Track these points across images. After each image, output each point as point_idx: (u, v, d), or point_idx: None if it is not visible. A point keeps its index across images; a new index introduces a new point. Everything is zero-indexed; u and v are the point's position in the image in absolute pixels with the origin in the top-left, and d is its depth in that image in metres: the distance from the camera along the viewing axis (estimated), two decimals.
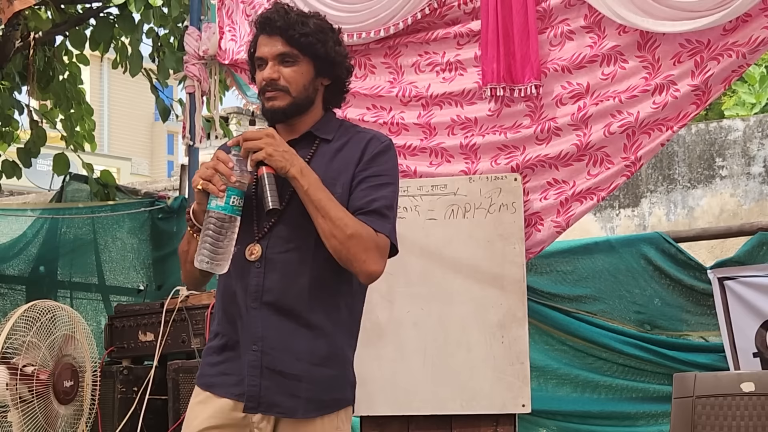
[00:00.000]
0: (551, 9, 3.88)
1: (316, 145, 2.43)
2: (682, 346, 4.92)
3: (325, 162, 2.39)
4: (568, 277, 5.05)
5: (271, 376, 2.32)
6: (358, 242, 2.28)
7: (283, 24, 2.37)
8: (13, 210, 6.88)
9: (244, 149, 2.28)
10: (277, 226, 2.36)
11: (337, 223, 2.27)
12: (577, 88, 3.83)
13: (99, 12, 6.61)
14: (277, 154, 2.26)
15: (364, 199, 2.35)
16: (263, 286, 2.33)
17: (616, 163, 3.79)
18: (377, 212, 2.35)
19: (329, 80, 2.47)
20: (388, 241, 2.36)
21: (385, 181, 2.40)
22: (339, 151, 2.43)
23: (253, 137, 2.28)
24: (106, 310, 6.30)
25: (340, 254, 2.29)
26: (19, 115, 7.13)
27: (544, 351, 5.04)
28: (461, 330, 3.85)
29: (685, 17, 3.55)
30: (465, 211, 3.90)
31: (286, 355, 2.32)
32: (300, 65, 2.39)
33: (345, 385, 2.42)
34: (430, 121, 4.08)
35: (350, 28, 4.18)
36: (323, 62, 2.42)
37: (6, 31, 6.18)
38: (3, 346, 3.85)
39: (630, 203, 6.88)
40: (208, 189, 2.26)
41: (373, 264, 2.31)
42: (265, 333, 2.32)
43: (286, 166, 2.27)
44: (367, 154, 2.41)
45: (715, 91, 3.64)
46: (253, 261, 2.35)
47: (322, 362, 2.35)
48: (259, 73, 2.42)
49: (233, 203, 2.25)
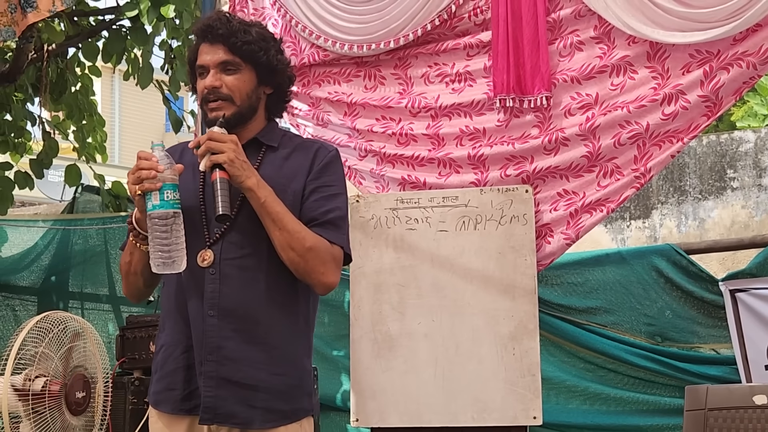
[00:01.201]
0: (561, 20, 3.89)
1: (263, 153, 2.41)
2: (694, 358, 4.90)
3: (274, 169, 2.37)
4: (579, 288, 5.05)
5: (227, 386, 2.28)
6: (315, 255, 2.28)
7: (225, 32, 2.35)
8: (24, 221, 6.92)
9: (206, 147, 2.25)
10: (229, 232, 2.32)
11: (295, 236, 2.26)
12: (586, 98, 3.82)
13: (111, 24, 6.65)
14: (238, 162, 2.25)
15: (318, 210, 2.35)
16: (220, 292, 2.30)
17: (626, 175, 3.78)
18: (332, 223, 2.35)
19: (271, 89, 2.45)
20: (342, 252, 2.36)
21: (336, 191, 2.40)
22: (286, 159, 2.41)
23: (218, 139, 2.26)
24: (117, 321, 6.32)
25: (298, 266, 2.28)
26: (32, 127, 7.17)
27: (555, 363, 5.03)
28: (472, 342, 3.84)
29: (695, 28, 3.55)
30: (476, 223, 3.90)
31: (243, 364, 2.29)
32: (242, 73, 2.37)
33: (302, 394, 2.37)
34: (438, 131, 4.09)
35: (360, 40, 4.20)
36: (265, 70, 2.41)
37: (20, 43, 6.22)
38: (15, 357, 3.86)
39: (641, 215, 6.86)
40: (145, 189, 2.21)
41: (330, 275, 2.32)
42: (222, 342, 2.29)
43: (242, 176, 2.25)
44: (316, 164, 2.40)
45: (727, 103, 3.63)
46: (206, 267, 2.31)
47: (280, 371, 2.32)
48: (200, 81, 2.39)
49: (169, 198, 2.22)
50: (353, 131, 4.27)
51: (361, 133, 4.25)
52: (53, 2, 4.58)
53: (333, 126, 4.32)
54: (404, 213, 3.98)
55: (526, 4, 3.87)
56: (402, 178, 4.13)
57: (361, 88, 4.29)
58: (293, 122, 4.46)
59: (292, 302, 2.36)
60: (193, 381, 2.32)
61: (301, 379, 2.37)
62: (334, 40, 4.25)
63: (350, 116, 4.28)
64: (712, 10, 3.50)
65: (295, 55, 4.38)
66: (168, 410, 2.36)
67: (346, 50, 4.24)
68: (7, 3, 4.45)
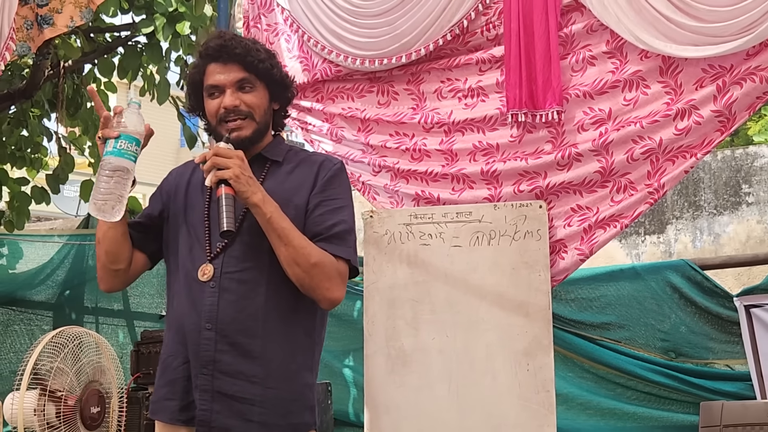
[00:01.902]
0: (573, 35, 3.89)
1: (267, 168, 2.43)
2: (708, 374, 4.89)
3: (278, 184, 2.38)
4: (593, 304, 5.04)
5: (222, 400, 2.29)
6: (321, 270, 2.29)
7: (241, 51, 2.38)
8: (40, 236, 6.97)
9: (212, 163, 2.26)
10: (231, 246, 2.33)
11: (300, 252, 2.27)
12: (599, 113, 3.81)
13: (127, 41, 6.69)
14: (243, 178, 2.26)
15: (323, 224, 2.35)
16: (218, 306, 2.30)
17: (639, 190, 3.76)
18: (337, 237, 2.35)
19: (278, 104, 2.49)
20: (347, 266, 2.36)
21: (341, 203, 2.41)
22: (290, 173, 2.43)
23: (224, 155, 2.27)
24: (131, 336, 6.34)
25: (303, 282, 2.29)
26: (48, 142, 7.22)
27: (569, 378, 5.02)
28: (486, 357, 3.83)
29: (708, 42, 3.54)
30: (490, 238, 3.90)
31: (239, 378, 2.29)
32: (258, 90, 2.41)
33: (302, 408, 2.36)
34: (452, 147, 4.09)
35: (372, 55, 4.21)
36: (277, 87, 2.45)
37: (37, 60, 6.27)
38: (31, 372, 3.88)
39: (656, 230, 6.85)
40: (104, 134, 2.26)
41: (336, 291, 2.32)
42: (218, 356, 2.29)
43: (248, 192, 2.26)
44: (320, 177, 2.41)
45: (740, 118, 3.60)
46: (206, 281, 2.32)
47: (276, 385, 2.31)
48: (211, 101, 2.40)
49: (122, 147, 2.24)
50: (367, 147, 4.28)
51: (374, 149, 4.26)
52: (71, 17, 4.62)
53: (347, 141, 4.34)
54: (418, 228, 3.98)
55: (538, 19, 3.88)
56: (416, 193, 4.14)
57: (374, 103, 4.30)
58: (308, 138, 4.48)
59: (292, 316, 2.36)
60: (191, 393, 2.33)
61: (301, 393, 2.37)
62: (346, 55, 4.27)
63: (364, 132, 4.30)
64: (725, 24, 3.49)
65: (307, 71, 4.40)
66: (165, 420, 2.37)
67: (358, 65, 4.25)
68: (23, 20, 4.50)
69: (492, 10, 4.00)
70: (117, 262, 2.40)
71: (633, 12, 3.68)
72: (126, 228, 2.39)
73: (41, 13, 4.58)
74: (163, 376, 2.40)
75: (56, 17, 4.61)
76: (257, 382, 2.30)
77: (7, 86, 6.69)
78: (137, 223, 2.47)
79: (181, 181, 2.50)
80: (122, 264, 2.40)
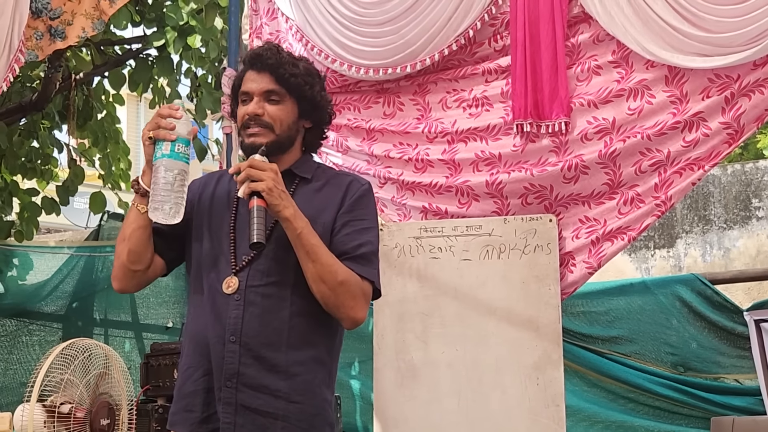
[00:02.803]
0: (579, 44, 3.88)
1: (295, 185, 2.43)
2: (718, 388, 4.87)
3: (306, 201, 2.38)
4: (603, 318, 5.04)
5: (246, 414, 2.28)
6: (346, 289, 2.28)
7: (274, 62, 2.40)
8: (50, 247, 6.98)
9: (246, 174, 2.27)
10: (257, 260, 2.33)
11: (327, 269, 2.27)
12: (602, 123, 3.79)
13: (138, 53, 6.72)
14: (276, 191, 2.26)
15: (350, 244, 2.35)
16: (243, 319, 2.30)
17: (647, 203, 3.75)
18: (363, 257, 2.35)
19: (311, 123, 2.48)
20: (372, 287, 2.36)
21: (368, 225, 2.41)
22: (319, 191, 2.43)
23: (258, 167, 2.27)
24: (140, 348, 6.35)
25: (328, 300, 2.29)
26: (58, 154, 7.25)
27: (579, 392, 5.01)
28: (496, 371, 3.83)
29: (715, 53, 3.54)
30: (500, 252, 3.89)
31: (262, 392, 2.28)
32: (285, 104, 2.41)
33: (323, 424, 2.36)
34: (454, 157, 4.07)
35: (377, 64, 4.20)
36: (308, 105, 2.44)
37: (48, 72, 6.31)
38: (41, 384, 3.88)
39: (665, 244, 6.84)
40: (159, 136, 2.26)
41: (359, 310, 2.32)
42: (242, 369, 2.28)
43: (280, 205, 2.26)
44: (348, 197, 2.41)
45: (748, 130, 3.60)
46: (231, 294, 2.31)
47: (299, 400, 2.30)
48: (242, 107, 2.42)
49: (179, 150, 2.24)
50: (371, 157, 4.27)
51: (378, 159, 4.25)
52: (83, 28, 4.64)
53: (352, 153, 4.33)
54: (428, 242, 3.99)
55: (544, 29, 3.88)
56: (423, 206, 4.13)
57: (380, 114, 4.30)
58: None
59: (315, 332, 2.36)
60: (212, 405, 2.32)
61: (322, 409, 2.36)
62: (350, 64, 4.24)
63: (368, 141, 4.29)
64: (733, 35, 3.49)
65: None
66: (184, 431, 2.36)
67: (362, 74, 4.23)
68: (32, 31, 4.52)
69: (499, 20, 4.00)
70: (138, 262, 2.39)
71: (640, 22, 3.68)
72: (151, 231, 2.38)
73: (53, 25, 4.60)
74: (183, 388, 2.39)
75: (68, 29, 4.64)
76: (281, 397, 2.29)
77: (18, 98, 6.72)
78: (159, 228, 2.46)
79: (206, 192, 2.49)
80: (142, 266, 2.39)
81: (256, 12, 4.65)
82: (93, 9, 4.63)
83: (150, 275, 2.45)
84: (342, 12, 4.27)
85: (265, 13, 4.62)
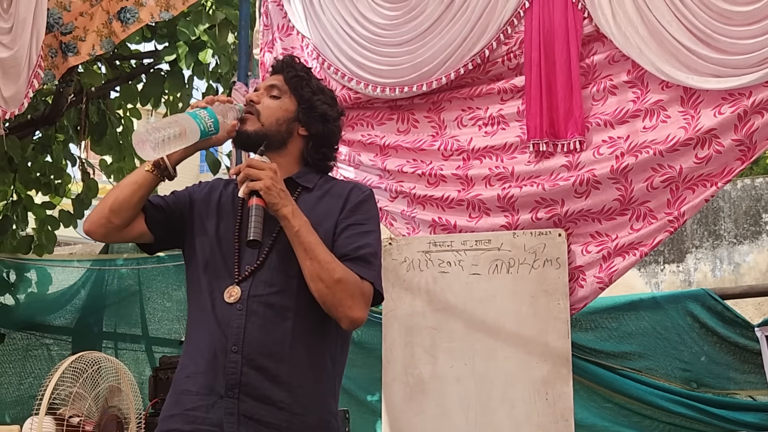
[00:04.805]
0: (595, 65, 3.90)
1: (297, 193, 2.43)
2: (730, 404, 4.84)
3: (308, 208, 2.37)
4: (613, 333, 5.02)
5: (249, 424, 2.25)
6: (344, 287, 2.26)
7: (287, 63, 2.50)
8: (60, 261, 7.01)
9: (245, 174, 2.28)
10: (260, 270, 2.32)
11: (325, 267, 2.25)
12: (617, 141, 3.81)
13: (150, 68, 6.76)
14: (275, 190, 2.26)
15: (349, 246, 2.34)
16: (245, 329, 2.28)
17: (659, 218, 3.74)
18: (363, 259, 2.33)
19: (306, 131, 2.48)
20: (372, 288, 2.34)
21: (369, 228, 2.40)
22: (321, 199, 2.43)
23: (257, 166, 2.29)
24: (149, 361, 6.35)
25: (326, 298, 2.27)
26: (72, 168, 7.27)
27: (588, 408, 4.99)
28: (505, 386, 3.82)
29: (729, 74, 3.55)
30: (509, 266, 3.89)
31: (265, 402, 2.26)
32: (282, 101, 2.45)
33: None
34: (467, 172, 4.09)
35: (392, 83, 4.23)
36: (306, 108, 2.46)
37: (59, 87, 6.34)
38: (50, 397, 3.89)
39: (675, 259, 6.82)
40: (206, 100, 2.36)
41: (357, 310, 2.29)
42: (244, 379, 2.26)
43: (279, 204, 2.26)
44: (350, 203, 2.41)
45: (761, 147, 3.60)
46: (233, 303, 2.30)
47: (303, 411, 2.29)
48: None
49: (201, 114, 2.28)
50: (384, 172, 4.29)
51: (391, 174, 4.26)
52: (93, 46, 4.68)
53: (364, 167, 4.35)
54: (437, 256, 3.98)
55: (559, 49, 3.89)
56: (432, 220, 4.14)
57: (394, 131, 4.31)
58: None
59: (319, 342, 2.35)
60: (212, 418, 2.29)
61: (327, 421, 2.35)
62: (366, 83, 4.28)
63: (381, 156, 4.31)
64: (746, 56, 3.49)
65: None
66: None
67: (378, 93, 4.27)
68: (47, 47, 4.56)
69: (513, 39, 4.02)
70: (117, 215, 2.37)
71: (655, 43, 3.69)
72: (145, 193, 2.38)
73: (65, 40, 4.64)
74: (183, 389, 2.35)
75: (80, 45, 4.67)
76: (284, 408, 2.27)
77: (30, 112, 6.76)
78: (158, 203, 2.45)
79: (213, 195, 2.49)
80: (119, 220, 2.37)
81: (268, 27, 4.67)
82: (103, 26, 4.66)
83: (125, 235, 2.42)
84: (359, 32, 4.31)
85: (278, 28, 4.65)
